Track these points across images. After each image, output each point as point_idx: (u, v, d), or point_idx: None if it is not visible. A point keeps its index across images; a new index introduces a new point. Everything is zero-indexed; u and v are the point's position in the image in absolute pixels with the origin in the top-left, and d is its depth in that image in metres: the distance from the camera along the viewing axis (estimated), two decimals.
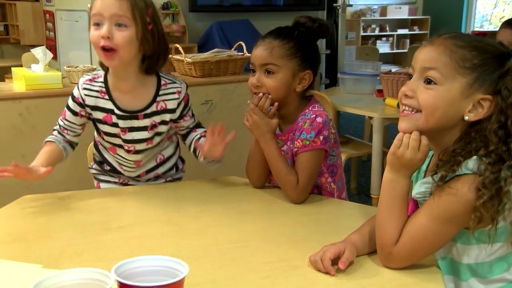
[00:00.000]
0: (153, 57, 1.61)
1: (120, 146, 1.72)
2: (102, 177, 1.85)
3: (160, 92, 1.66)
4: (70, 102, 1.70)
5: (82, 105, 1.67)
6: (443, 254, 1.17)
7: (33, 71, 2.55)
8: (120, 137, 1.69)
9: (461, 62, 1.07)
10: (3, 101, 2.44)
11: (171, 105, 1.67)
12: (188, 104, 1.72)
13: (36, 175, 1.54)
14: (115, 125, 1.67)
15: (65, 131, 1.73)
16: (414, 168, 1.14)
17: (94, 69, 2.64)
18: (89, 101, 1.66)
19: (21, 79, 2.51)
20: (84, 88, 1.67)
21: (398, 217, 1.13)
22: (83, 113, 1.69)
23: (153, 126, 1.68)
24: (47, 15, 5.85)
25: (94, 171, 1.87)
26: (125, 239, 1.33)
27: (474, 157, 1.05)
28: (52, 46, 5.52)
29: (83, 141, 1.84)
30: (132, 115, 1.65)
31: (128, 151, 1.72)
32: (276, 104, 1.55)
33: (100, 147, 1.80)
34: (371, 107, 3.27)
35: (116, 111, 1.65)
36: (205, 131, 1.75)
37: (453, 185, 1.05)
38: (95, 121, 1.70)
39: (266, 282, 1.11)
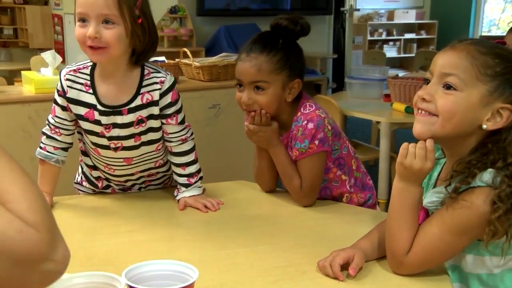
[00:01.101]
0: (143, 50, 1.50)
1: (106, 147, 1.57)
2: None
3: (144, 83, 1.51)
4: (57, 97, 1.55)
5: (67, 100, 1.54)
6: (453, 263, 1.16)
7: (43, 75, 2.56)
8: (103, 136, 1.54)
9: (483, 69, 1.05)
10: (12, 104, 2.45)
11: (156, 96, 1.52)
12: (176, 103, 1.55)
13: None
14: (98, 122, 1.52)
15: (57, 130, 1.58)
16: (424, 176, 1.13)
17: None
18: (71, 93, 1.52)
19: (30, 83, 2.53)
20: (67, 79, 1.53)
21: (409, 226, 1.12)
22: (70, 106, 1.54)
23: (140, 121, 1.52)
24: (56, 19, 5.89)
25: (83, 188, 1.75)
26: (134, 243, 1.33)
27: (490, 169, 1.03)
28: (60, 50, 5.56)
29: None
30: (115, 110, 1.51)
31: (115, 149, 1.56)
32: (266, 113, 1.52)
33: (88, 152, 1.66)
34: (378, 111, 3.26)
35: (99, 107, 1.51)
36: (190, 163, 1.61)
37: (468, 197, 1.04)
38: (77, 117, 1.55)
39: (274, 286, 1.11)
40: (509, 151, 1.03)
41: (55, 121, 1.58)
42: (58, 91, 1.55)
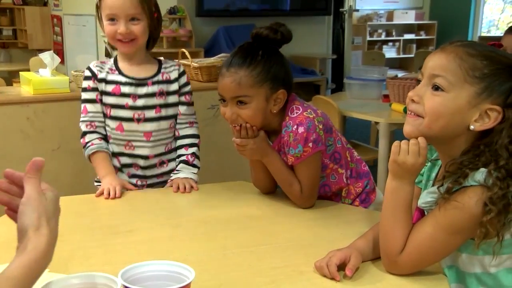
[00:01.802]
0: (156, 37, 1.84)
1: (129, 120, 1.79)
2: None
3: (163, 66, 1.84)
4: (85, 94, 1.80)
5: (95, 88, 1.78)
6: (449, 263, 1.16)
7: (41, 76, 2.56)
8: (128, 108, 1.78)
9: (471, 71, 1.05)
10: (11, 105, 2.45)
11: (173, 75, 1.83)
12: (189, 84, 1.87)
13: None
14: (123, 95, 1.78)
15: (93, 123, 1.79)
16: (417, 173, 1.14)
17: None
18: (101, 75, 1.79)
19: (28, 84, 2.53)
20: (96, 66, 1.81)
21: (403, 225, 1.12)
22: (99, 96, 1.79)
23: (161, 93, 1.81)
24: (55, 20, 5.89)
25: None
26: (133, 243, 1.33)
27: (482, 169, 1.04)
28: (59, 50, 5.55)
29: None
30: (140, 82, 1.79)
31: (139, 120, 1.78)
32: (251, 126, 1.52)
33: (110, 141, 1.84)
34: (377, 112, 3.27)
35: (125, 80, 1.78)
36: (192, 145, 1.86)
37: (460, 198, 1.04)
38: (104, 95, 1.79)
39: (272, 287, 1.11)
40: (500, 154, 1.03)
41: (89, 116, 1.80)
42: (86, 88, 1.79)
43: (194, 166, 1.82)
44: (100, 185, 1.82)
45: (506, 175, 1.02)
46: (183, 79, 1.85)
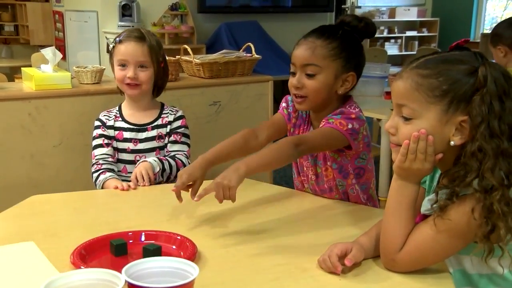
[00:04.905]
0: (162, 84, 1.99)
1: (131, 162, 1.90)
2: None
3: (163, 112, 1.99)
4: (93, 142, 1.92)
5: (102, 135, 1.92)
6: (456, 266, 1.15)
7: (43, 71, 2.55)
8: (130, 152, 1.92)
9: (430, 92, 1.06)
10: (12, 101, 2.44)
11: (169, 119, 1.97)
12: (185, 128, 1.97)
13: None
14: (126, 140, 1.93)
15: (99, 163, 1.88)
16: (422, 176, 1.14)
17: (102, 70, 2.64)
18: (109, 123, 1.95)
19: (30, 79, 2.52)
20: (104, 115, 1.98)
21: (405, 223, 1.12)
22: (106, 141, 1.91)
23: (160, 137, 1.94)
24: (57, 16, 5.88)
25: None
26: None
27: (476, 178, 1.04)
28: (61, 47, 5.54)
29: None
30: (141, 128, 1.93)
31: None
32: None
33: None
34: (379, 109, 3.26)
35: (127, 126, 1.93)
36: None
37: (457, 205, 1.04)
38: (113, 140, 1.93)
39: (275, 284, 1.10)
40: (468, 163, 1.03)
41: (95, 160, 1.89)
42: (94, 137, 1.93)
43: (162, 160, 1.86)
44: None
45: (490, 184, 1.01)
46: (177, 123, 1.96)
